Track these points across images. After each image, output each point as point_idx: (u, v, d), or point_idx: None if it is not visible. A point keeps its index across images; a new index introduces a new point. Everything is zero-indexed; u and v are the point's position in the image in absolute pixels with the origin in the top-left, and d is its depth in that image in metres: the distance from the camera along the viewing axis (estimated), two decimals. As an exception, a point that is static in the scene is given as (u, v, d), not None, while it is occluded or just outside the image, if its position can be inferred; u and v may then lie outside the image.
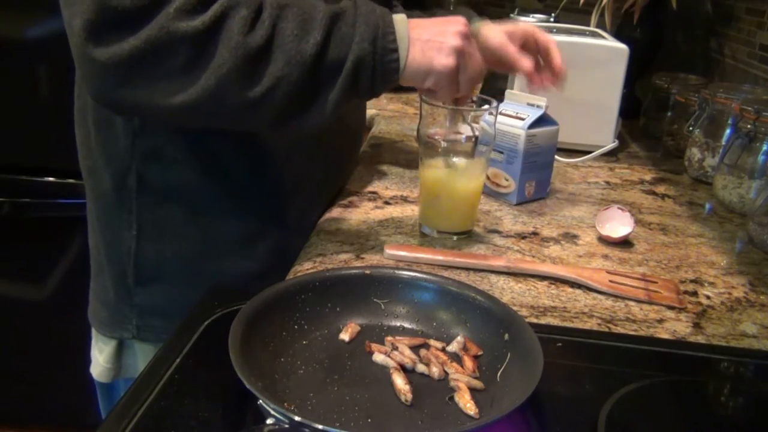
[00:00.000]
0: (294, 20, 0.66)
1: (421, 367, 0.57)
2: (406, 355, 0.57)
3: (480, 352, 0.59)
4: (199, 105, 0.64)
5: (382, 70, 0.70)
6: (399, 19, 0.71)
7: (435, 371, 0.56)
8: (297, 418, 0.45)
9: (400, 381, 0.54)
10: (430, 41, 0.71)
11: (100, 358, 0.89)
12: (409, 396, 0.53)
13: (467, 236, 0.85)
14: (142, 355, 0.87)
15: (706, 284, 0.78)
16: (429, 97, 0.78)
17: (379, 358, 0.57)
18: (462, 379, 0.55)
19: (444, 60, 0.71)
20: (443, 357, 0.58)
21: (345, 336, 0.60)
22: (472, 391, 0.54)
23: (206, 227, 0.82)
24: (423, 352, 0.58)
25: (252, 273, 0.85)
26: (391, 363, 0.57)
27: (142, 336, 0.86)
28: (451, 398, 0.53)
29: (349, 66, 0.68)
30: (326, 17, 0.68)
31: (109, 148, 0.80)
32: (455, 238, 0.84)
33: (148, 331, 0.85)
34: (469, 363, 0.57)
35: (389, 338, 0.60)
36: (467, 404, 0.52)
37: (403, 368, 0.56)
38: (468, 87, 0.74)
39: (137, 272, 0.83)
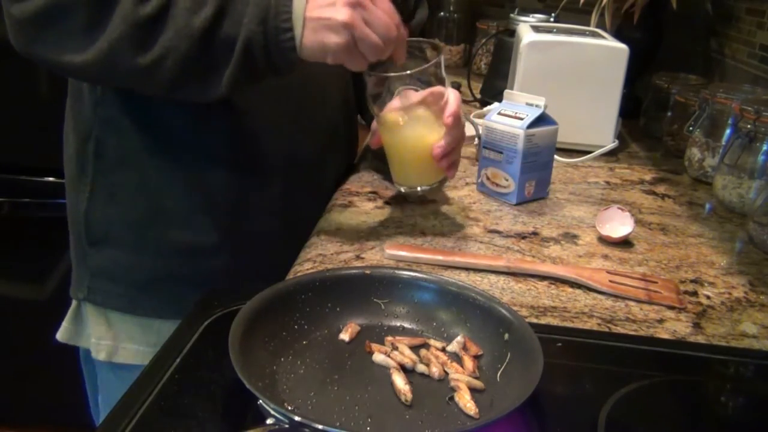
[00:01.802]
0: None
1: (421, 367, 0.57)
2: (406, 355, 0.57)
3: (480, 352, 0.59)
4: (96, 65, 0.69)
5: (277, 50, 0.70)
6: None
7: (435, 371, 0.56)
8: (297, 418, 0.45)
9: (400, 381, 0.54)
10: (320, 18, 0.69)
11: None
12: (409, 396, 0.53)
13: (436, 188, 0.87)
14: (91, 319, 0.91)
15: (706, 284, 0.78)
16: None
17: (379, 358, 0.57)
18: (462, 379, 0.55)
19: (334, 38, 0.69)
20: (443, 357, 0.58)
21: (345, 336, 0.60)
22: (472, 391, 0.54)
23: (153, 196, 0.85)
24: (423, 352, 0.58)
25: (197, 246, 0.86)
26: (391, 363, 0.57)
27: (91, 298, 0.90)
28: (451, 398, 0.53)
29: (239, 46, 0.69)
30: None
31: (77, 115, 0.86)
32: (419, 190, 0.86)
33: (96, 294, 0.89)
34: (469, 363, 0.57)
35: (389, 338, 0.60)
36: (467, 404, 0.52)
37: (403, 368, 0.56)
38: (375, 53, 0.71)
39: (89, 233, 0.88)
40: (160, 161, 0.84)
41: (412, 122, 0.82)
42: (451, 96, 0.83)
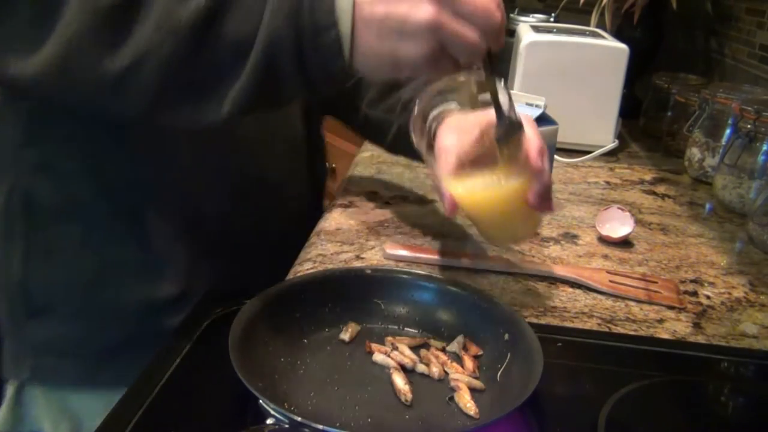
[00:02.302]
0: None
1: (421, 367, 0.57)
2: (406, 355, 0.57)
3: (480, 352, 0.59)
4: (49, 75, 0.53)
5: (316, 59, 0.51)
6: None
7: (435, 371, 0.56)
8: (297, 418, 0.45)
9: (400, 381, 0.54)
10: (388, 17, 0.50)
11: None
12: (409, 396, 0.53)
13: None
14: (40, 402, 0.76)
15: (706, 284, 0.78)
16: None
17: (379, 358, 0.57)
18: (462, 379, 0.55)
19: (413, 47, 0.50)
20: (443, 357, 0.58)
21: (345, 336, 0.60)
22: (472, 391, 0.54)
23: (101, 250, 0.71)
24: (423, 352, 0.58)
25: (159, 301, 0.73)
26: (391, 363, 0.57)
27: (38, 378, 0.75)
28: (451, 398, 0.54)
29: (257, 52, 0.51)
30: None
31: None
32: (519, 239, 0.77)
33: (44, 372, 0.74)
34: (469, 363, 0.57)
35: (389, 338, 0.60)
36: (467, 404, 0.52)
37: (403, 368, 0.56)
38: (471, 55, 0.52)
39: (27, 303, 0.73)
40: (106, 207, 0.70)
41: (491, 180, 0.64)
42: (527, 126, 0.63)
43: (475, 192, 0.64)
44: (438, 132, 0.68)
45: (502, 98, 0.59)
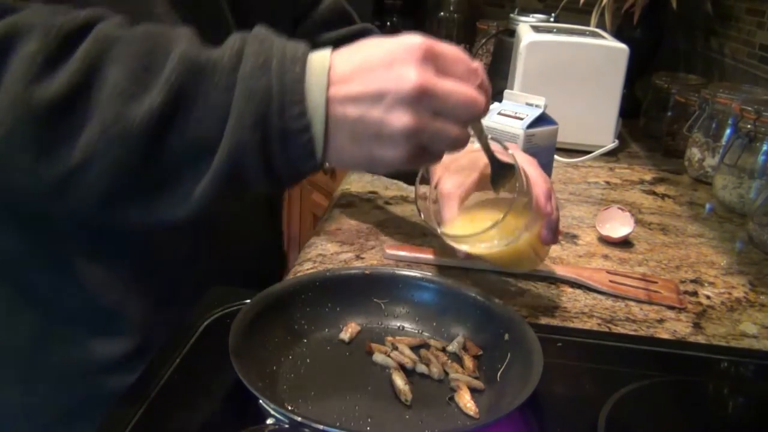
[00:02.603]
0: (126, 64, 0.45)
1: (421, 367, 0.57)
2: (406, 355, 0.57)
3: (480, 352, 0.59)
4: None
5: (286, 161, 0.47)
6: (316, 68, 0.46)
7: (435, 371, 0.56)
8: (297, 418, 0.45)
9: (400, 381, 0.54)
10: (361, 120, 0.46)
11: None
12: (409, 396, 0.53)
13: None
14: None
15: (706, 284, 0.78)
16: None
17: (379, 358, 0.57)
18: (462, 379, 0.55)
19: (390, 152, 0.47)
20: (443, 357, 0.58)
21: (345, 336, 0.60)
22: (472, 391, 0.54)
23: (41, 310, 0.63)
24: (423, 352, 0.58)
25: (115, 358, 0.65)
26: (391, 363, 0.57)
27: None
28: (451, 398, 0.53)
29: (223, 155, 0.46)
30: (181, 65, 0.45)
31: None
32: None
33: None
34: (469, 363, 0.57)
35: (389, 338, 0.60)
36: (467, 404, 0.52)
37: (403, 368, 0.56)
38: (455, 147, 0.50)
39: None
40: (41, 259, 0.61)
41: (500, 233, 0.61)
42: (530, 168, 0.61)
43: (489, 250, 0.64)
44: (436, 174, 0.66)
45: (492, 143, 0.59)
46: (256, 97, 0.45)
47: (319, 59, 0.47)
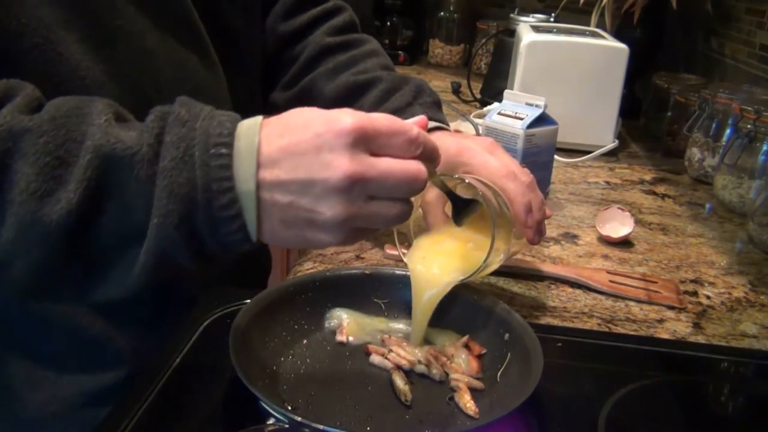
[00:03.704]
0: (36, 159, 0.42)
1: (420, 368, 0.57)
2: (402, 356, 0.57)
3: (483, 351, 0.58)
4: None
5: (217, 246, 0.46)
6: (244, 149, 0.44)
7: (435, 372, 0.56)
8: (297, 418, 0.45)
9: (400, 381, 0.54)
10: (292, 206, 0.44)
11: None
12: (409, 396, 0.53)
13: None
14: None
15: (706, 284, 0.78)
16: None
17: (376, 359, 0.57)
18: (462, 380, 0.55)
19: (324, 237, 0.46)
20: (443, 357, 0.58)
21: (343, 337, 0.60)
22: (472, 391, 0.54)
23: (27, 350, 0.62)
24: (422, 352, 0.58)
25: (110, 385, 0.64)
26: (388, 365, 0.57)
27: None
28: (451, 398, 0.53)
29: (150, 248, 0.44)
30: (96, 158, 0.42)
31: None
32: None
33: None
34: (473, 363, 0.57)
35: (385, 336, 0.60)
36: (467, 404, 0.52)
37: (402, 369, 0.56)
38: (394, 224, 0.49)
39: None
40: (25, 310, 0.61)
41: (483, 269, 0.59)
42: (508, 184, 0.60)
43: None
44: None
45: (450, 182, 0.58)
46: (180, 193, 0.43)
47: (247, 137, 0.44)
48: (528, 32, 1.22)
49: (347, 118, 0.44)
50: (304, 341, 0.59)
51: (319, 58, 0.79)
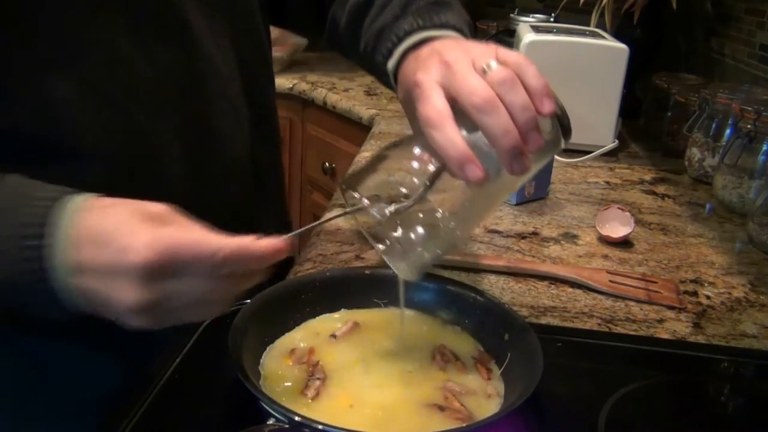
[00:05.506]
0: None
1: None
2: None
3: (493, 361, 0.57)
4: None
5: (46, 319, 0.47)
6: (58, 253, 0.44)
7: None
8: (297, 418, 0.45)
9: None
10: (96, 292, 0.45)
11: None
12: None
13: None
14: None
15: (706, 284, 0.78)
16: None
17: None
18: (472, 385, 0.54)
19: (134, 322, 0.45)
20: (450, 355, 0.57)
21: (343, 336, 0.60)
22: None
23: (29, 362, 0.63)
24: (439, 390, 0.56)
25: (115, 389, 0.59)
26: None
27: None
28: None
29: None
30: None
31: None
32: None
33: None
34: (484, 374, 0.56)
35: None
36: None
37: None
38: (229, 307, 0.48)
39: None
40: (26, 329, 0.62)
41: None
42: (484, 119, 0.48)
43: None
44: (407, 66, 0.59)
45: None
46: None
47: (62, 239, 0.44)
48: (528, 32, 1.21)
49: (141, 250, 0.42)
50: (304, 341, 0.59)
51: None
